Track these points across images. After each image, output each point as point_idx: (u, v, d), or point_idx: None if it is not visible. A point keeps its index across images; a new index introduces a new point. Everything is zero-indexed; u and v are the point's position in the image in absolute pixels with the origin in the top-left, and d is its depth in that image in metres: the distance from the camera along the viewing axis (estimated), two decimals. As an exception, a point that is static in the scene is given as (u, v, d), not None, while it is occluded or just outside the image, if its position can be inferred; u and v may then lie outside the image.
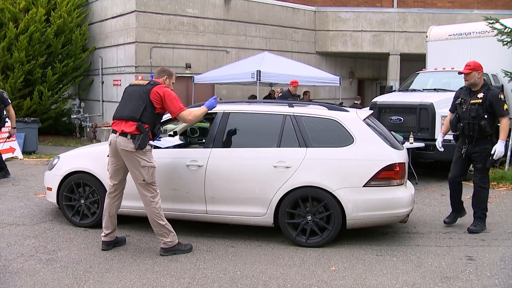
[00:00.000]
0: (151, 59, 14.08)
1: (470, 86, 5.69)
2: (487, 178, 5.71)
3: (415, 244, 5.31)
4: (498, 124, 5.64)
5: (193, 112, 4.90)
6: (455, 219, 5.93)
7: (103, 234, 4.97)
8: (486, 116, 5.51)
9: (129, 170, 4.79)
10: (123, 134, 4.66)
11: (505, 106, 5.55)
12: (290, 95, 11.14)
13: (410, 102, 9.09)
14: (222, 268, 4.52)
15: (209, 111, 5.14)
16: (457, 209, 5.95)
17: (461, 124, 5.66)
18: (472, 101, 5.61)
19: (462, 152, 5.73)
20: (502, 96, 5.58)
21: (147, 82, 4.85)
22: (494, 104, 5.52)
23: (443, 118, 8.52)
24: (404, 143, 6.60)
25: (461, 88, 5.92)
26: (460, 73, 5.79)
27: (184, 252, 4.84)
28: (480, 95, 5.59)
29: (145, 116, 4.67)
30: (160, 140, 5.57)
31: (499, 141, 5.52)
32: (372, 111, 6.96)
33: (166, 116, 5.77)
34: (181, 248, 4.86)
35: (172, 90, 4.93)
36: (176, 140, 5.91)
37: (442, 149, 6.07)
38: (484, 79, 5.79)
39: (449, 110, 6.06)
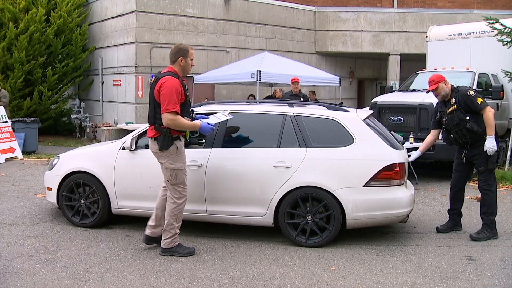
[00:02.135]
0: (151, 59, 14.08)
1: (443, 98, 5.64)
2: (493, 180, 5.54)
3: (415, 244, 5.32)
4: None
5: (179, 120, 4.54)
6: (448, 230, 5.77)
7: (147, 227, 4.95)
8: (468, 118, 5.41)
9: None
10: (151, 138, 4.73)
11: (479, 100, 5.39)
12: (290, 96, 10.38)
13: (410, 102, 9.09)
14: (222, 268, 4.52)
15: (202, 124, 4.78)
16: (454, 220, 5.82)
17: (452, 136, 5.61)
18: (448, 110, 5.56)
19: (462, 157, 5.68)
20: (471, 92, 5.44)
21: (154, 79, 4.72)
22: (467, 103, 5.42)
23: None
24: (404, 143, 6.60)
25: (437, 103, 5.89)
26: (428, 91, 5.78)
27: (183, 255, 4.80)
28: (453, 100, 5.53)
29: (158, 118, 4.61)
30: (208, 118, 5.05)
31: (487, 137, 5.37)
32: (372, 111, 6.96)
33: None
34: (179, 250, 4.83)
35: (190, 67, 4.79)
36: (223, 116, 5.16)
37: (409, 154, 5.95)
38: (452, 85, 5.69)
39: (431, 129, 5.98)
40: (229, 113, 5.12)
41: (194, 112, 4.98)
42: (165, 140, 4.60)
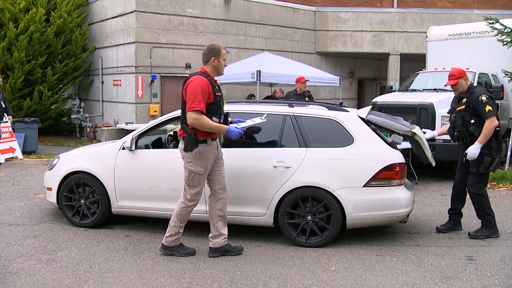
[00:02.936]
0: (151, 59, 14.07)
1: (460, 94, 5.59)
2: (482, 185, 5.51)
3: (415, 244, 5.32)
4: (497, 128, 5.42)
5: (204, 120, 4.43)
6: (448, 230, 5.76)
7: (209, 239, 4.89)
8: (473, 122, 5.37)
9: None
10: (181, 137, 4.67)
11: (488, 108, 5.29)
12: (295, 95, 9.97)
13: (410, 102, 9.09)
14: (222, 268, 4.52)
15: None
16: (454, 220, 5.80)
17: (455, 133, 5.60)
18: (458, 108, 5.53)
19: (463, 156, 5.69)
20: (483, 98, 5.33)
21: (185, 79, 4.64)
22: (476, 107, 5.35)
23: (443, 118, 8.52)
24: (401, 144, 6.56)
25: (454, 96, 5.84)
26: (446, 85, 5.71)
27: (182, 255, 4.79)
28: (464, 100, 5.48)
29: (185, 118, 4.53)
30: (245, 121, 5.01)
31: (475, 142, 5.36)
32: (371, 106, 6.96)
33: (173, 114, 5.75)
34: (180, 250, 4.82)
35: (223, 67, 4.69)
36: (260, 119, 5.06)
37: (424, 131, 5.93)
38: (470, 82, 5.61)
39: (449, 120, 5.95)
40: (266, 116, 5.07)
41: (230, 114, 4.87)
42: (189, 141, 4.51)
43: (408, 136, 5.45)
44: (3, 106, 10.62)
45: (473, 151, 5.37)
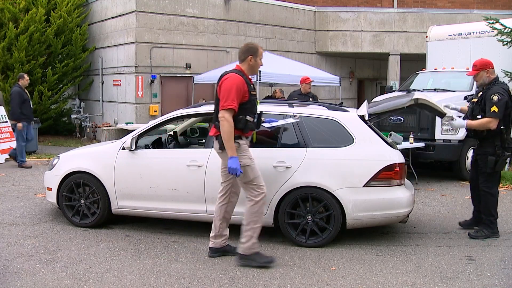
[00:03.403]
0: (151, 59, 14.07)
1: (481, 86, 5.48)
2: (492, 183, 5.49)
3: (415, 244, 5.32)
4: (502, 127, 5.33)
5: (229, 128, 4.30)
6: (470, 226, 5.75)
7: (209, 239, 4.81)
8: (479, 117, 5.31)
9: None
10: (214, 137, 4.56)
11: (493, 108, 5.20)
12: (298, 95, 9.90)
13: (410, 102, 9.08)
14: (222, 268, 4.52)
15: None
16: (477, 217, 5.77)
17: None
18: (473, 100, 5.51)
19: (474, 153, 5.68)
20: (494, 98, 5.22)
21: (219, 77, 4.55)
22: (486, 104, 5.29)
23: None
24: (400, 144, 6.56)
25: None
26: (468, 74, 5.65)
27: (261, 265, 4.49)
28: (480, 94, 5.43)
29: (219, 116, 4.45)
30: (277, 121, 5.08)
31: (464, 121, 5.39)
32: (366, 100, 6.96)
33: (173, 114, 5.76)
34: (257, 259, 4.51)
35: (258, 66, 4.61)
36: (291, 119, 5.18)
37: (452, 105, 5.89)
38: (495, 76, 5.50)
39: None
40: (298, 116, 5.09)
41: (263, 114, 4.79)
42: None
43: (414, 105, 5.40)
44: (31, 106, 10.62)
45: (455, 122, 5.41)
